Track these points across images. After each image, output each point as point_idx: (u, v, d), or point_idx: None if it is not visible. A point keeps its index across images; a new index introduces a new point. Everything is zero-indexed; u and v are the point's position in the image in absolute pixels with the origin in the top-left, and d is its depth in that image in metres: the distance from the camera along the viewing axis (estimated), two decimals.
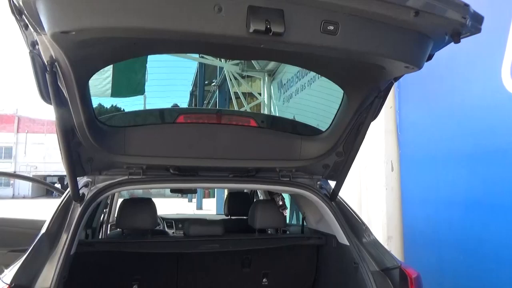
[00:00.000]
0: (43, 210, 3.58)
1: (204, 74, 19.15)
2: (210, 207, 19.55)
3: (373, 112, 1.86)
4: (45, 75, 1.40)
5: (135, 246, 2.24)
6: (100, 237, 3.42)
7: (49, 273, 1.50)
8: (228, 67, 9.79)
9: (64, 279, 1.54)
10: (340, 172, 2.17)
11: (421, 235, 3.52)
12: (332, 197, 2.17)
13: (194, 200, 24.54)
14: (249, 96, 11.21)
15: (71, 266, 1.68)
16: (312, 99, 6.23)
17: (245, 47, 1.35)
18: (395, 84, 1.96)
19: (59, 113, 1.54)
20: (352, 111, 1.89)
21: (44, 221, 3.79)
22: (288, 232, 2.91)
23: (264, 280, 2.56)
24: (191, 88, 24.99)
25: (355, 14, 1.25)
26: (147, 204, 2.33)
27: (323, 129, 2.21)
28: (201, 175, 2.10)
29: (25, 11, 1.12)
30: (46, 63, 1.36)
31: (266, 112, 9.05)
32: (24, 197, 39.89)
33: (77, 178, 1.89)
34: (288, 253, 2.58)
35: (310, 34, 1.26)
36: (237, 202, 3.33)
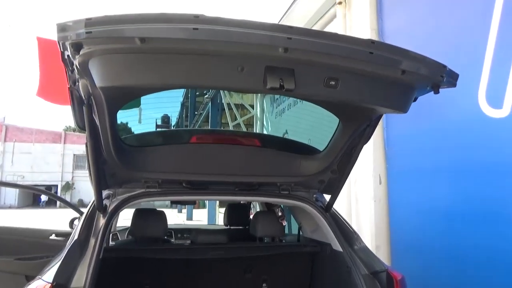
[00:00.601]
0: (30, 219, 3.72)
1: None
2: (200, 217, 19.61)
3: (366, 137, 2.14)
4: (82, 107, 1.63)
5: (152, 252, 2.44)
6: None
7: (81, 275, 1.69)
8: None
9: (94, 280, 1.73)
10: (335, 187, 2.43)
11: (407, 243, 3.76)
12: (327, 209, 2.42)
13: (184, 210, 24.55)
14: (241, 108, 11.48)
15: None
16: (305, 114, 6.47)
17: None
18: None
19: (91, 138, 1.76)
20: (347, 136, 2.16)
21: (47, 230, 3.96)
22: (284, 241, 3.14)
23: (264, 285, 2.78)
24: (182, 99, 25.12)
25: (353, 72, 1.53)
26: (160, 215, 2.54)
27: (318, 147, 2.48)
28: (210, 188, 2.32)
29: (78, 68, 1.36)
30: (84, 97, 1.59)
31: (259, 125, 9.29)
32: (10, 207, 39.27)
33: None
34: (286, 260, 2.80)
35: (315, 88, 1.54)
36: (236, 213, 3.54)
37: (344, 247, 2.22)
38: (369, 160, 4.25)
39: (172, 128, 14.39)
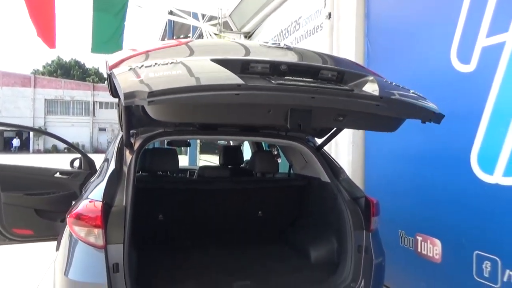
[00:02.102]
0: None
1: (173, 31, 18.83)
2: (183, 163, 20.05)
3: None
4: None
5: (166, 183, 2.79)
6: None
7: (121, 197, 2.01)
8: (206, 27, 10.00)
9: (133, 202, 2.05)
10: (325, 133, 2.82)
11: (380, 184, 4.27)
12: (318, 148, 2.82)
13: None
14: None
15: None
16: None
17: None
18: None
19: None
20: None
21: (52, 169, 4.24)
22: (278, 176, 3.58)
23: (259, 212, 3.23)
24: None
25: (357, 111, 1.84)
26: (172, 152, 2.89)
27: None
28: (219, 130, 2.66)
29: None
30: None
31: None
32: None
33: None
34: (279, 192, 3.26)
35: (326, 122, 1.97)
36: (230, 154, 3.93)
37: (331, 179, 2.65)
38: None
39: None
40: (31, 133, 45.52)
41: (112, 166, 2.19)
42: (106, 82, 1.81)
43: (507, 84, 2.91)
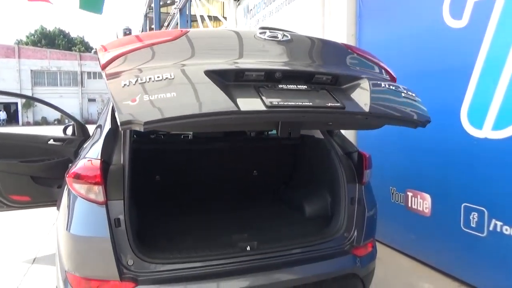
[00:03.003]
0: None
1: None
2: None
3: None
4: None
5: (162, 143, 2.79)
6: None
7: (118, 156, 2.03)
8: None
9: (130, 160, 2.07)
10: None
11: (372, 142, 4.32)
12: None
13: None
14: (214, 19, 11.25)
15: None
16: (280, 26, 6.61)
17: None
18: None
19: None
20: None
21: (45, 136, 4.22)
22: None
23: (254, 171, 3.29)
24: (145, 10, 23.77)
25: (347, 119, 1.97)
26: None
27: None
28: None
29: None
30: None
31: None
32: None
33: None
34: (273, 151, 3.31)
35: (315, 127, 2.43)
36: None
37: (325, 135, 2.70)
38: None
39: None
40: (20, 106, 44.75)
41: (107, 126, 2.19)
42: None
43: (498, 39, 2.92)
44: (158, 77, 1.53)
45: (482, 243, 3.04)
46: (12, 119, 44.29)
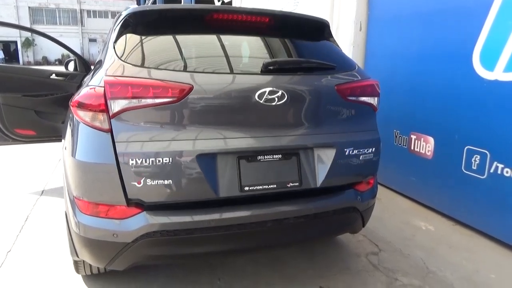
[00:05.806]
0: None
1: None
2: None
3: None
4: None
5: None
6: None
7: None
8: None
9: None
10: None
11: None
12: None
13: None
14: None
15: None
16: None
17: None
18: None
19: None
20: None
21: (48, 70, 4.15)
22: None
23: None
24: None
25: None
26: None
27: None
28: None
29: None
30: None
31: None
32: None
33: None
34: None
35: None
36: None
37: None
38: (352, 8, 4.45)
39: None
40: (19, 44, 43.83)
41: (110, 52, 2.12)
42: None
43: None
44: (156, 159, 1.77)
45: (481, 185, 3.09)
46: (13, 58, 43.60)
